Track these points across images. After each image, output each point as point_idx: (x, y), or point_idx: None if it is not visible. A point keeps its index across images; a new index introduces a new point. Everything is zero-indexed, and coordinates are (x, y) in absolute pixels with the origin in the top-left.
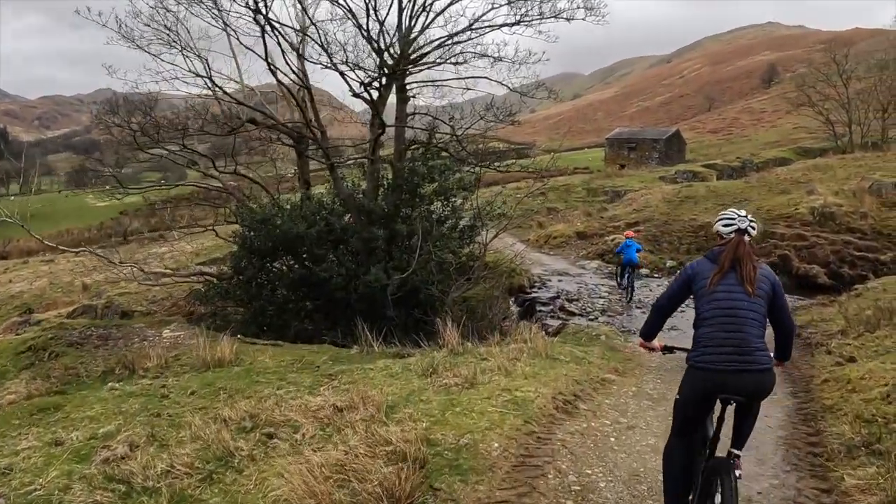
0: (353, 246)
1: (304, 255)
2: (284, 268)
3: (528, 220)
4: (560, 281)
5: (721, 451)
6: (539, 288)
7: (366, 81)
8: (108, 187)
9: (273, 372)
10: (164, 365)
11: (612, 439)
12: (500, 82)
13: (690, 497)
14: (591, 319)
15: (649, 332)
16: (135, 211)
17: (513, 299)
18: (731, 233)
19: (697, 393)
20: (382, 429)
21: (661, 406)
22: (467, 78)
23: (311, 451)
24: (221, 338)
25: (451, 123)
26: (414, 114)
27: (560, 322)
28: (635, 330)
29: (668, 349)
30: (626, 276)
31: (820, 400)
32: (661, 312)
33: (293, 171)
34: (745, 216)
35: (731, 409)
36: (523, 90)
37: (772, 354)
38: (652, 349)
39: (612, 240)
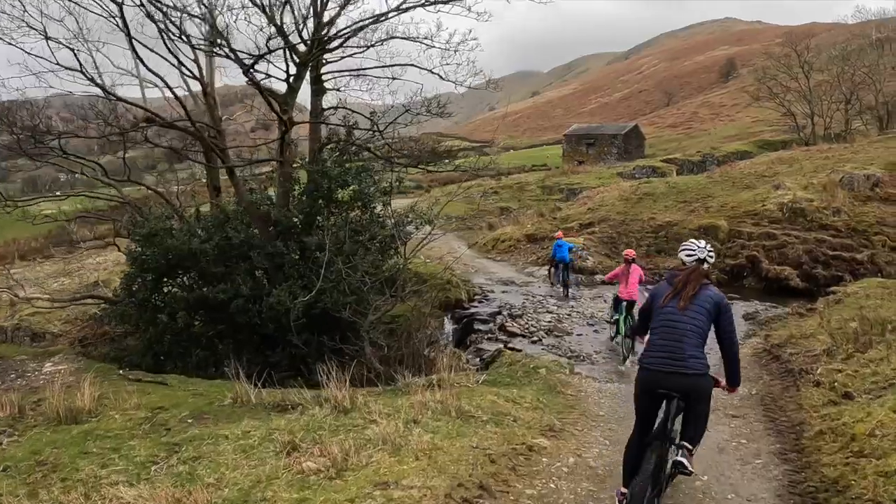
0: (257, 262)
1: (199, 274)
2: (179, 289)
3: (479, 222)
4: (505, 292)
5: None
6: (480, 301)
7: (249, 62)
8: None
9: (114, 436)
10: (16, 415)
11: None
12: (431, 70)
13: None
14: (535, 342)
15: (637, 334)
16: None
17: (448, 316)
18: (692, 262)
19: (642, 387)
20: None
21: (607, 488)
22: (392, 66)
23: None
24: (86, 378)
25: (372, 118)
26: (337, 107)
27: (496, 349)
28: (584, 356)
29: None
30: (561, 274)
31: (818, 467)
32: (639, 326)
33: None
34: (704, 247)
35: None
36: (458, 80)
37: (707, 364)
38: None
39: None
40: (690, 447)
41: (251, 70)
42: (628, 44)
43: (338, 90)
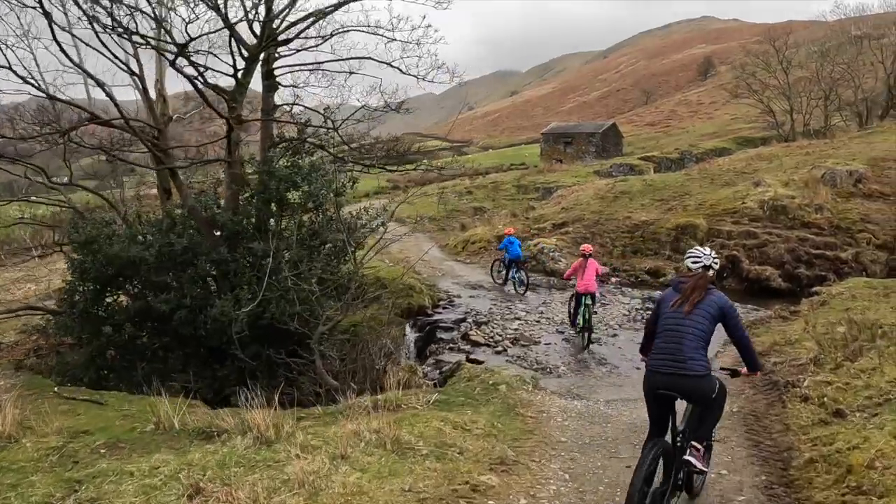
0: (201, 270)
1: (142, 284)
2: (127, 298)
3: (452, 222)
4: (472, 297)
5: None
6: (445, 308)
7: (182, 43)
8: None
9: (18, 469)
10: None
11: None
12: (390, 63)
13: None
14: (499, 352)
15: (643, 349)
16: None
17: (410, 324)
18: (698, 268)
19: (648, 389)
20: None
21: None
22: (349, 59)
23: None
24: (6, 398)
25: (326, 114)
26: (292, 104)
27: (456, 362)
28: (551, 367)
29: None
30: (513, 270)
31: None
32: (647, 337)
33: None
34: (710, 254)
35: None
36: (420, 74)
37: (708, 366)
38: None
39: (536, 244)
40: (698, 446)
41: (178, 61)
42: (606, 43)
43: (295, 87)
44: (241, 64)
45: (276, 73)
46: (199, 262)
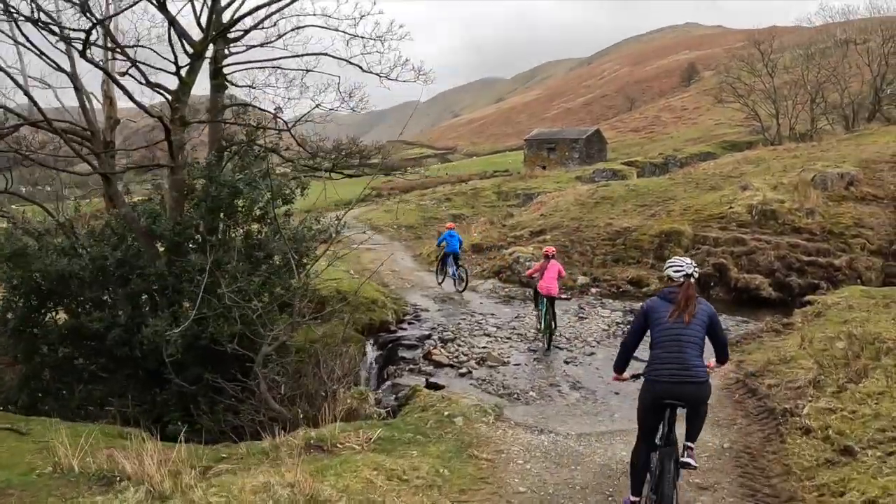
0: (135, 286)
1: (76, 300)
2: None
3: (429, 230)
4: (440, 311)
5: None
6: (411, 323)
7: (86, 28)
8: None
9: None
10: None
11: None
12: (349, 60)
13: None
14: (463, 374)
15: (620, 367)
16: None
17: (371, 341)
18: (680, 277)
19: (652, 400)
20: None
21: None
22: (304, 55)
23: None
24: None
25: (276, 113)
26: (247, 105)
27: (412, 387)
28: (518, 393)
29: (635, 377)
30: (452, 267)
31: None
32: (627, 348)
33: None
34: (691, 263)
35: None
36: (383, 72)
37: (708, 366)
38: (624, 380)
39: (511, 253)
40: (693, 446)
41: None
42: (591, 50)
43: (252, 87)
44: (184, 60)
45: (226, 71)
46: (133, 277)
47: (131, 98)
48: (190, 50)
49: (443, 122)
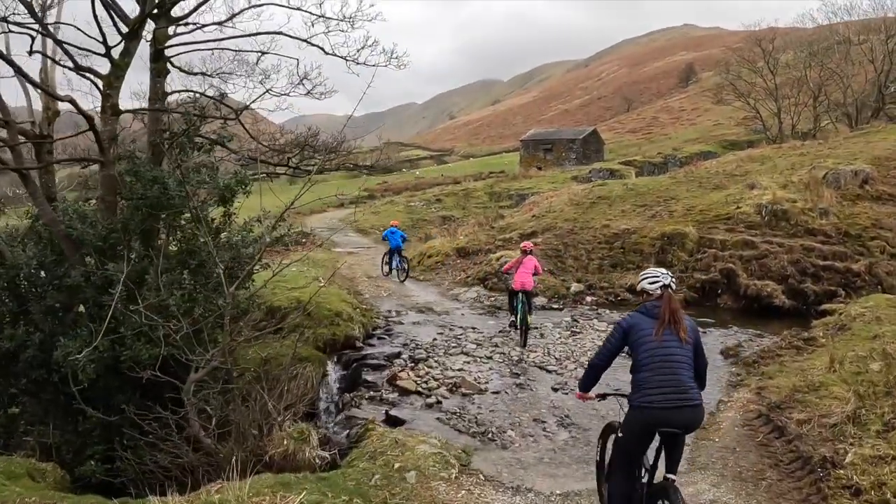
0: (52, 299)
1: None
2: None
3: (417, 233)
4: (416, 323)
5: None
6: (381, 337)
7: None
8: None
9: None
10: None
11: None
12: (308, 41)
13: None
14: (431, 405)
15: (586, 386)
16: None
17: (334, 360)
18: (657, 289)
19: (642, 428)
20: None
21: None
22: (257, 34)
23: None
24: None
25: (219, 98)
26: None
27: (364, 423)
28: (494, 433)
29: (602, 396)
30: (395, 260)
31: None
32: (597, 370)
33: None
34: (667, 273)
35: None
36: (350, 55)
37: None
38: (589, 399)
39: (499, 258)
40: (675, 478)
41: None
42: (588, 51)
43: (206, 75)
44: (116, 40)
45: (169, 53)
46: (49, 289)
47: (43, 89)
48: (124, 28)
49: (439, 124)
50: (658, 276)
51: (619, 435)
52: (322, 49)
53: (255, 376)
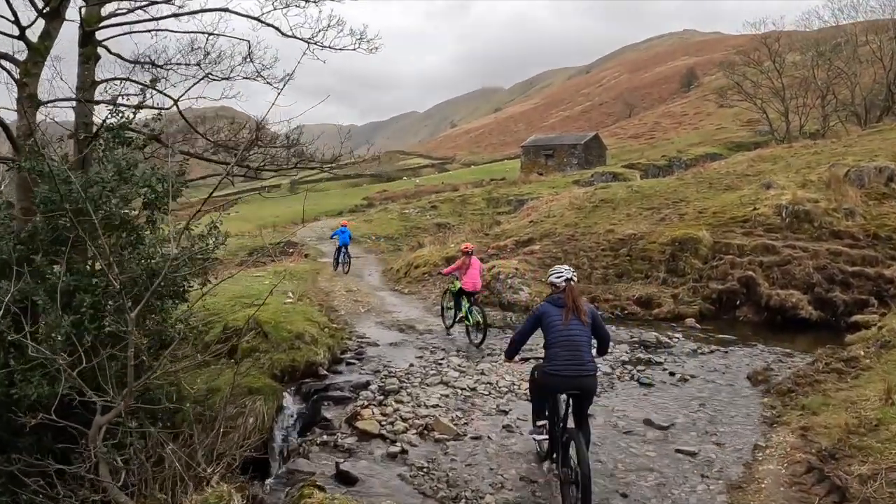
0: None
1: None
2: None
3: (410, 241)
4: (393, 344)
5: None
6: (351, 362)
7: None
8: None
9: None
10: None
11: None
12: (260, 19)
13: (554, 455)
14: (394, 455)
15: (510, 355)
16: None
17: (291, 392)
18: (562, 283)
19: (551, 387)
20: None
21: None
22: (198, 11)
23: None
24: None
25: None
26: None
27: (301, 486)
28: (469, 497)
29: (524, 360)
30: (342, 255)
31: None
32: (516, 344)
33: None
34: (570, 269)
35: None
36: (314, 37)
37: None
38: (514, 363)
39: (491, 268)
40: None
41: None
42: (589, 58)
43: (156, 66)
44: (31, 18)
45: (101, 37)
46: None
47: None
48: (41, 6)
49: (441, 132)
50: (562, 272)
51: (535, 377)
52: (278, 29)
53: (196, 413)
